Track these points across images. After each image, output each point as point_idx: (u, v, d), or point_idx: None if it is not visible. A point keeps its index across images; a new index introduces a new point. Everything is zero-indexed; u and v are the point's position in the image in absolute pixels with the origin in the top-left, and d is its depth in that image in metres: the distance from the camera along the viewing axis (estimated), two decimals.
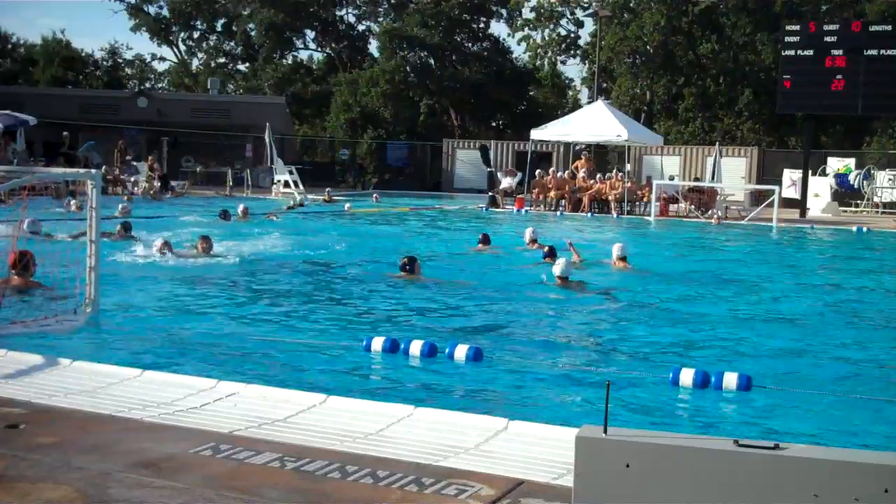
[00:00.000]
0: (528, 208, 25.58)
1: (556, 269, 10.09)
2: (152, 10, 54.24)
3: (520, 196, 26.56)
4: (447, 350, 6.48)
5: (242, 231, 16.51)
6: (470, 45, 50.70)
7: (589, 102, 37.20)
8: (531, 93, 51.02)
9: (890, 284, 12.61)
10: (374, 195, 29.88)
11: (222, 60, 57.17)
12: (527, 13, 50.27)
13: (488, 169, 31.05)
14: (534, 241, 14.42)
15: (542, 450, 4.09)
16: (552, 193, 25.81)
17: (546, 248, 12.54)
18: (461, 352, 6.41)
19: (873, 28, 24.70)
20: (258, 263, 12.15)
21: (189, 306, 8.88)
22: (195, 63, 58.38)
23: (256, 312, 8.69)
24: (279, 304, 9.25)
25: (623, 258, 12.15)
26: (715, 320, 9.02)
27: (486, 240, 14.55)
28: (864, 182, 29.10)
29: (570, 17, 50.22)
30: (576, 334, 8.14)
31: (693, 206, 24.77)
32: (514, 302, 9.60)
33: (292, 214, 21.36)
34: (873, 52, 23.80)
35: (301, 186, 29.14)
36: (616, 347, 7.59)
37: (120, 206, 18.10)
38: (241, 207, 18.74)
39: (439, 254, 14.29)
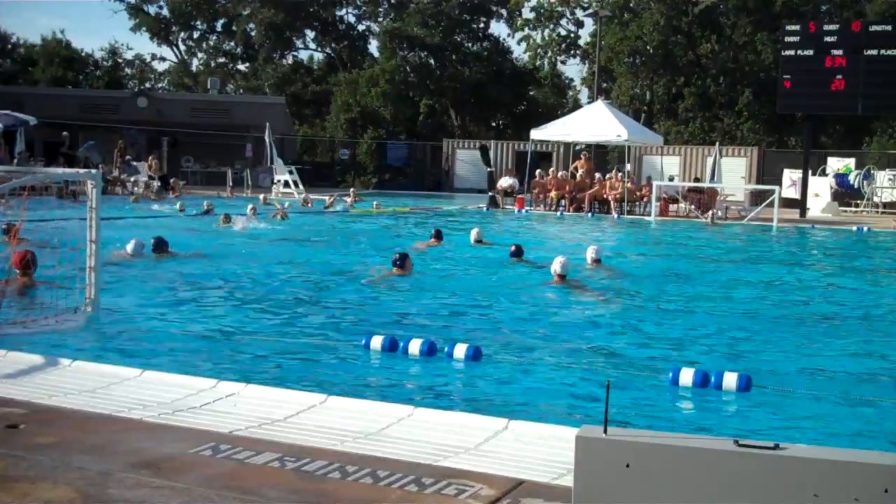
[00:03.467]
0: (528, 208, 25.58)
1: (556, 266, 10.03)
2: (152, 10, 54.38)
3: (520, 196, 26.56)
4: (446, 349, 6.48)
5: (247, 231, 16.56)
6: (470, 45, 50.74)
7: (589, 102, 37.21)
8: (531, 93, 51.03)
9: (890, 284, 12.61)
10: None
11: (222, 60, 57.22)
12: (527, 13, 50.38)
13: (488, 169, 31.05)
14: (479, 241, 14.67)
15: (542, 450, 4.08)
16: (552, 193, 25.82)
17: (513, 248, 12.62)
18: (460, 351, 6.41)
19: (873, 28, 24.67)
20: (258, 263, 12.14)
21: (189, 306, 8.87)
22: (195, 63, 58.52)
23: (256, 312, 8.69)
24: (279, 303, 9.24)
25: (597, 260, 11.85)
26: (714, 320, 9.01)
27: (438, 235, 14.77)
28: (864, 182, 29.06)
29: (569, 17, 50.30)
30: (575, 333, 8.12)
31: (693, 207, 24.76)
32: (513, 301, 9.59)
33: (297, 214, 21.36)
34: (873, 52, 23.77)
35: (301, 186, 29.16)
36: (616, 347, 7.57)
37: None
38: (249, 207, 18.96)
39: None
